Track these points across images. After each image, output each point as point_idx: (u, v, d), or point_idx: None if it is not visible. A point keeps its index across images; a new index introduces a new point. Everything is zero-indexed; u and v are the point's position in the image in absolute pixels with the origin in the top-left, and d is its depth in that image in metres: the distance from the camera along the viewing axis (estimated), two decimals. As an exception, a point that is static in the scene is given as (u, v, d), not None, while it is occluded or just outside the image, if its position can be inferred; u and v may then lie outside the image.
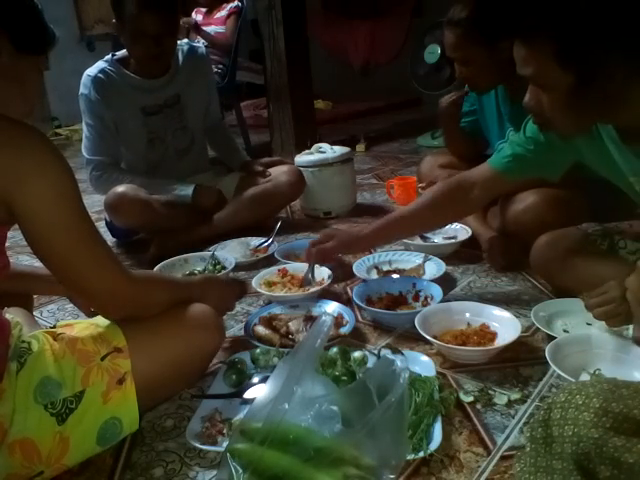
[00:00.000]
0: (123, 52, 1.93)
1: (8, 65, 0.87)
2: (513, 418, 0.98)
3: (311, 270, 1.50)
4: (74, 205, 0.86)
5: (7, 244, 0.89)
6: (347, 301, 1.47)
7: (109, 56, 1.94)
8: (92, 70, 1.89)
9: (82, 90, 1.88)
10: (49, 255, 0.87)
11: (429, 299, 1.38)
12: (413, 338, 1.25)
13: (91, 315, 1.39)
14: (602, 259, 1.28)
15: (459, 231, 1.77)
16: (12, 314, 1.06)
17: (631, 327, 1.07)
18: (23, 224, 0.83)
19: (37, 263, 0.96)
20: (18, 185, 0.80)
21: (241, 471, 0.75)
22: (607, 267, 1.24)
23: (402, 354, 1.11)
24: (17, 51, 0.87)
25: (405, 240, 1.74)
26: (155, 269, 1.62)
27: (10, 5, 0.88)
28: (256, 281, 1.53)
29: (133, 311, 0.98)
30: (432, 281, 1.44)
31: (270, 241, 1.86)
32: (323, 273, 1.53)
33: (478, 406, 1.01)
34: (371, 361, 1.12)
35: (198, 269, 1.68)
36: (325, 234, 1.52)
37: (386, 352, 1.13)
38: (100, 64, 1.90)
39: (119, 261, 0.96)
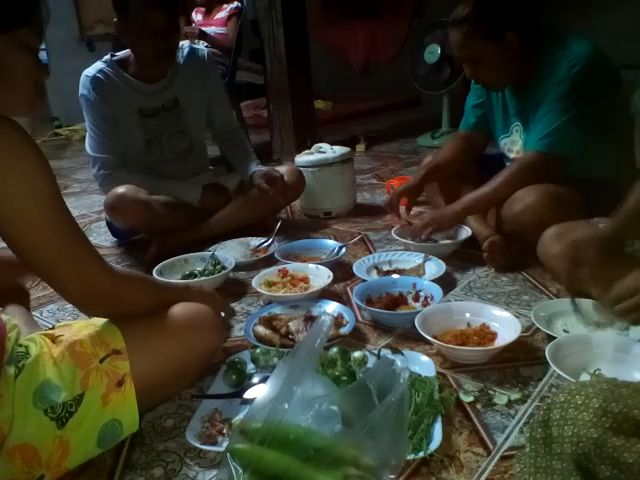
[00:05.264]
0: (122, 53, 1.93)
1: None
2: (513, 418, 0.98)
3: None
4: (50, 198, 0.81)
5: None
6: (347, 301, 1.47)
7: (108, 57, 1.92)
8: (90, 70, 1.88)
9: (81, 91, 1.87)
10: (23, 249, 0.82)
11: (429, 299, 1.38)
12: (413, 338, 1.25)
13: None
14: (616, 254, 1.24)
15: (459, 231, 1.77)
16: (10, 313, 1.05)
17: (631, 327, 1.07)
18: None
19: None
20: None
21: (241, 471, 0.75)
22: (622, 262, 1.20)
23: (402, 354, 1.11)
24: None
25: (405, 240, 1.74)
26: (155, 269, 1.62)
27: None
28: (256, 281, 1.53)
29: (114, 309, 0.94)
30: (432, 281, 1.45)
31: (270, 241, 1.86)
32: (323, 273, 1.53)
33: (478, 406, 1.02)
34: (371, 361, 1.12)
35: (198, 269, 1.68)
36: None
37: (386, 352, 1.13)
38: (98, 64, 1.89)
39: (100, 256, 0.91)
